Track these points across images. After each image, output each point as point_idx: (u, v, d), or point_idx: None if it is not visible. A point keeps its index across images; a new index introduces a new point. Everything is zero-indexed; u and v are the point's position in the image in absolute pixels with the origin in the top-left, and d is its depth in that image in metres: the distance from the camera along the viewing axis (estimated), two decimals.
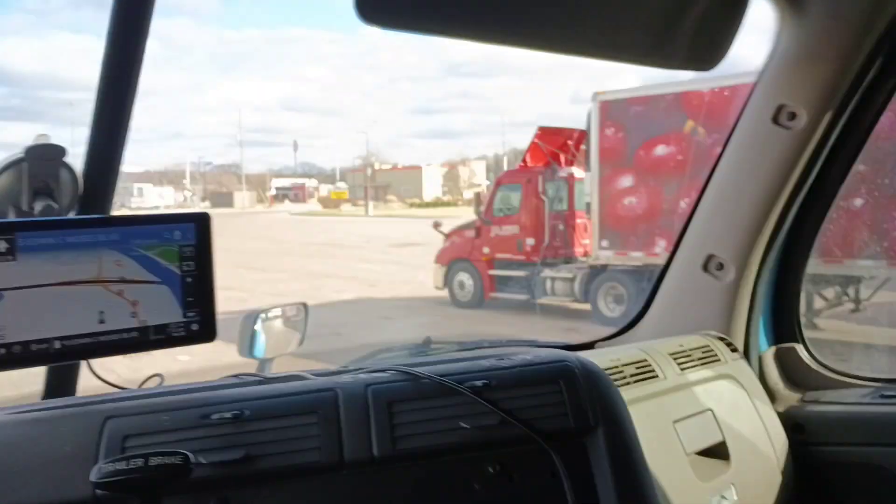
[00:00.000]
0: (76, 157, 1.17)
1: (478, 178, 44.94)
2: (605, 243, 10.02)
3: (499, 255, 11.11)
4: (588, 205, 10.25)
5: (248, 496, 0.98)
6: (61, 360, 0.96)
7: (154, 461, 0.87)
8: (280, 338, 1.52)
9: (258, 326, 1.46)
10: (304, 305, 1.58)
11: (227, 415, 1.00)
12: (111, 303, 0.95)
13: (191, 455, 0.90)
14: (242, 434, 0.99)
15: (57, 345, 0.92)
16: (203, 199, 64.12)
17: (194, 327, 1.00)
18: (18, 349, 0.90)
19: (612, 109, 9.94)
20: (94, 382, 1.12)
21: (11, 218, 1.07)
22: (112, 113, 1.17)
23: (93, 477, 0.86)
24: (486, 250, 11.21)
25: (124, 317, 0.96)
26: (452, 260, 11.59)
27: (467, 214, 14.07)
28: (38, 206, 1.08)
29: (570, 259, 10.76)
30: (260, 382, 1.13)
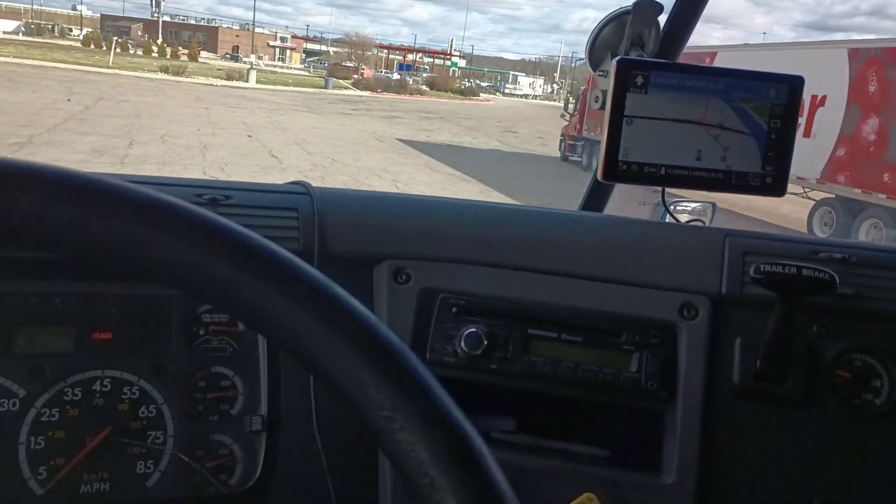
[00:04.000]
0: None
1: None
2: (586, 126, 20.37)
3: (570, 133, 22.02)
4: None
5: (849, 330, 1.03)
6: (661, 183, 1.05)
7: (806, 272, 0.93)
8: None
9: (667, 218, 1.37)
10: (713, 204, 1.44)
11: (837, 255, 1.03)
12: (708, 144, 1.02)
13: (837, 277, 0.93)
14: (850, 274, 1.02)
15: (662, 171, 1.01)
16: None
17: (768, 180, 1.04)
18: (635, 168, 1.01)
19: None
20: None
21: (645, 58, 1.12)
22: None
23: (750, 270, 0.96)
24: (568, 131, 22.18)
25: (716, 158, 1.02)
26: (562, 135, 22.80)
27: None
28: (633, 54, 1.12)
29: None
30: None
